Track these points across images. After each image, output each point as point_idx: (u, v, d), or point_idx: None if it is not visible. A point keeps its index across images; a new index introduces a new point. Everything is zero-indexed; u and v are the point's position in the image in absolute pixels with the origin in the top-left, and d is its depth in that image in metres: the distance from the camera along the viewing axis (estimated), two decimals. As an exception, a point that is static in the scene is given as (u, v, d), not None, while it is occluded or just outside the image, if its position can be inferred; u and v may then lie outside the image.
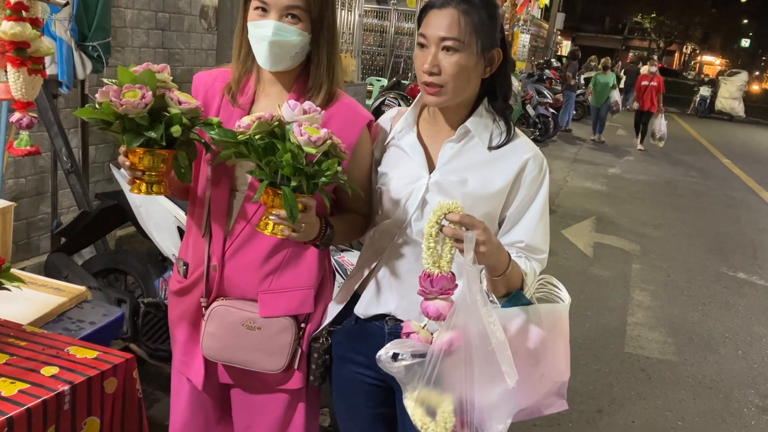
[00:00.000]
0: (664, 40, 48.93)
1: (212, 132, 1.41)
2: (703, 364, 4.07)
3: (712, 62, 56.73)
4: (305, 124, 1.35)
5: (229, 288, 1.64)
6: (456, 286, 1.37)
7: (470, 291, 1.31)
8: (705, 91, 23.93)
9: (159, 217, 2.85)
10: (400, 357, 1.38)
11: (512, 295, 1.51)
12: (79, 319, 1.90)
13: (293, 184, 1.33)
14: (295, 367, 1.67)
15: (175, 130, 1.38)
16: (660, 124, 12.37)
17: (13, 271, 1.56)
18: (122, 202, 2.99)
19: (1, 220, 1.96)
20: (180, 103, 1.41)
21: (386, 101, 6.67)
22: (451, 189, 1.54)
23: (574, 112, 15.04)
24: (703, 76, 31.17)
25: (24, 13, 1.63)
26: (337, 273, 3.00)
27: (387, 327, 1.61)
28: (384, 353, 1.38)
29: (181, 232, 2.81)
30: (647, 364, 3.98)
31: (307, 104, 1.39)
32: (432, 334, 1.38)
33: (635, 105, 13.40)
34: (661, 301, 5.07)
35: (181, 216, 2.83)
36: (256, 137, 1.35)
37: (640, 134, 13.27)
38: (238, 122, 1.38)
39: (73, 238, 3.21)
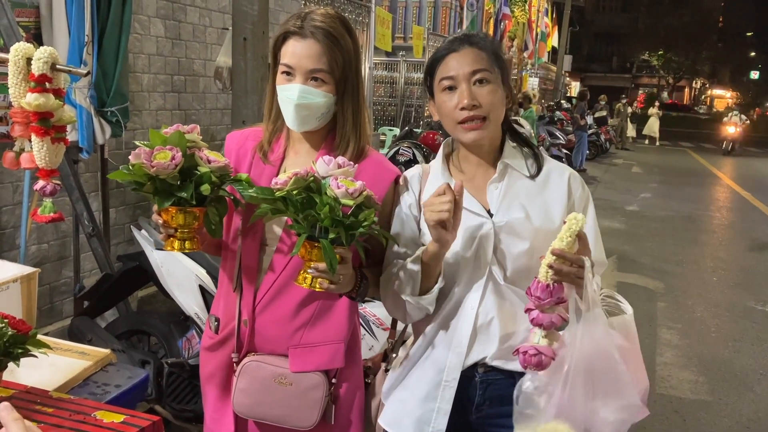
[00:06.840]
0: (672, 76, 49.21)
1: (250, 190, 1.44)
2: (739, 403, 3.95)
3: (722, 95, 56.82)
4: (341, 177, 1.38)
5: (260, 343, 1.64)
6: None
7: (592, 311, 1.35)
8: None
9: (181, 276, 2.86)
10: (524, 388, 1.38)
11: None
12: (104, 383, 1.89)
13: (331, 236, 1.35)
14: (331, 421, 1.65)
15: (205, 188, 1.40)
16: None
17: (39, 337, 1.56)
18: (144, 263, 3.00)
19: (26, 286, 1.97)
20: (209, 161, 1.44)
21: (401, 150, 6.72)
22: (520, 227, 1.52)
23: (587, 151, 15.01)
24: None
25: (47, 85, 1.67)
26: (361, 325, 3.00)
27: (478, 375, 1.57)
28: (530, 383, 1.37)
29: (202, 290, 2.82)
30: (680, 404, 3.87)
31: (341, 159, 1.42)
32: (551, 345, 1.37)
33: None
34: (690, 339, 4.96)
35: (203, 274, 2.84)
36: (294, 192, 1.37)
37: None
38: (274, 179, 1.39)
39: (96, 301, 3.23)
